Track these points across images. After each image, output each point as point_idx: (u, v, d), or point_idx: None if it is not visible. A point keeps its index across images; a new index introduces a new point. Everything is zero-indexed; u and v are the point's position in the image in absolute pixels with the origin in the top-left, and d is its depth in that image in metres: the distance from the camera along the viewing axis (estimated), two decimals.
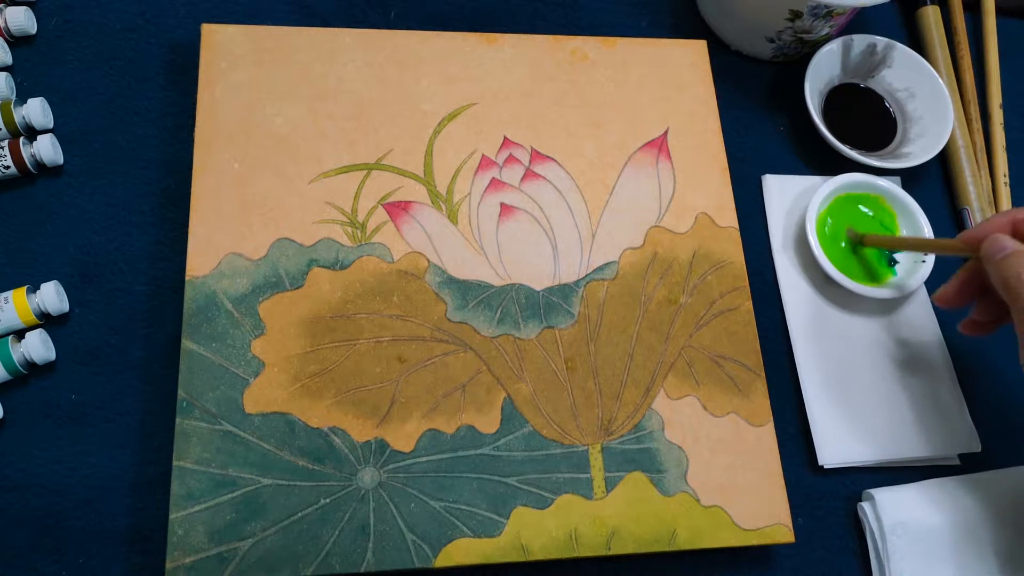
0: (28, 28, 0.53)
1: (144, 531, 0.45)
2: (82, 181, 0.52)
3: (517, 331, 0.49)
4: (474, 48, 0.56)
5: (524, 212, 0.52)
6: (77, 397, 0.47)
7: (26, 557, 0.44)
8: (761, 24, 0.60)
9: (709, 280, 0.53)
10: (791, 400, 0.54)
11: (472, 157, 0.53)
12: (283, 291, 0.48)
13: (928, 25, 0.66)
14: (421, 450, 0.46)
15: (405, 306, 0.49)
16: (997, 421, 0.56)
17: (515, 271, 0.51)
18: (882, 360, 0.56)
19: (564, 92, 0.56)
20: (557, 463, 0.47)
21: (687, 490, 0.47)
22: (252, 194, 0.49)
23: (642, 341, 0.50)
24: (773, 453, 0.49)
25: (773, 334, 0.56)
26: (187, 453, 0.44)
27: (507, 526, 0.45)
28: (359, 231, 0.50)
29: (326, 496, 0.44)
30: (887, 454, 0.53)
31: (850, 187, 0.58)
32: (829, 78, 0.62)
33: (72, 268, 0.50)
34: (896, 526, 0.50)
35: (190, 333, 0.46)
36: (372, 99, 0.53)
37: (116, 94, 0.54)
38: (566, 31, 0.62)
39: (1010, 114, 0.66)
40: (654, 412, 0.49)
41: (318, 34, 0.54)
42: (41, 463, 0.46)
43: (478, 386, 0.48)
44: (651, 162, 0.55)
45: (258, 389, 0.46)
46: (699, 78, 0.58)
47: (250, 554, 0.43)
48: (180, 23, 0.57)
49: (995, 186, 0.63)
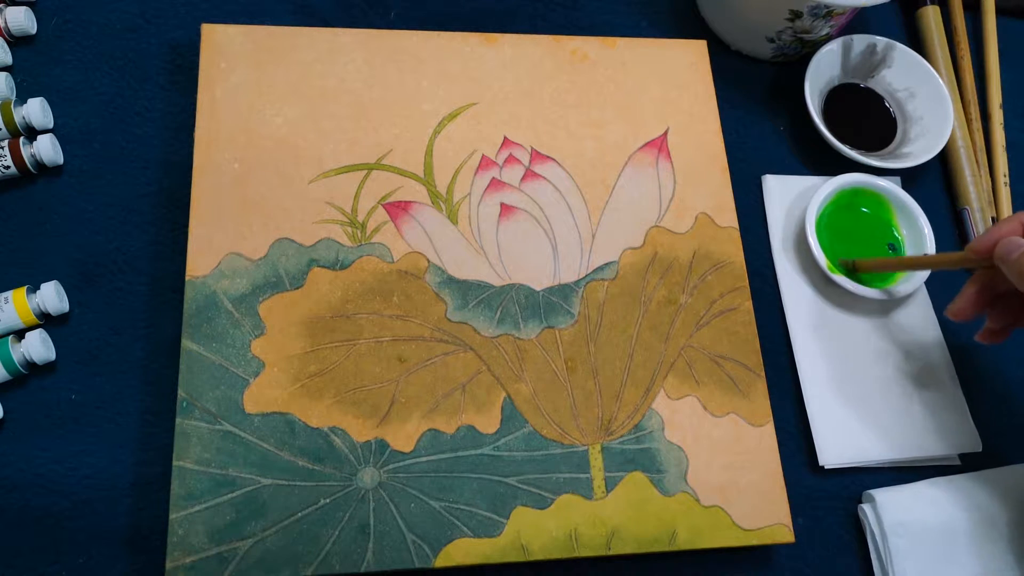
0: (28, 28, 0.53)
1: (144, 531, 0.45)
2: (82, 181, 0.52)
3: (517, 331, 0.49)
4: (474, 48, 0.56)
5: (524, 212, 0.52)
6: (77, 397, 0.47)
7: (26, 557, 0.44)
8: (761, 24, 0.60)
9: (709, 280, 0.53)
10: (791, 400, 0.54)
11: (472, 157, 0.53)
12: (283, 291, 0.48)
13: (928, 25, 0.66)
14: (421, 450, 0.46)
15: (405, 306, 0.49)
16: (998, 421, 0.56)
17: (515, 271, 0.51)
18: (882, 360, 0.56)
19: (564, 92, 0.56)
20: (557, 463, 0.47)
21: (687, 490, 0.47)
22: (252, 194, 0.49)
23: (642, 341, 0.50)
24: (773, 453, 0.49)
25: (773, 334, 0.56)
26: (187, 453, 0.44)
27: (507, 526, 0.45)
28: (359, 231, 0.50)
29: (326, 496, 0.44)
30: (888, 454, 0.53)
31: (850, 187, 0.58)
32: (829, 78, 0.62)
33: (72, 268, 0.50)
34: (897, 526, 0.50)
35: (190, 333, 0.46)
36: (372, 99, 0.53)
37: (116, 94, 0.54)
38: (566, 31, 0.62)
39: (1010, 114, 0.66)
40: (654, 412, 0.49)
41: (318, 34, 0.54)
42: (41, 463, 0.46)
43: (478, 386, 0.48)
44: (651, 162, 0.55)
45: (258, 389, 0.46)
46: (699, 78, 0.58)
47: (250, 554, 0.43)
48: (180, 23, 0.57)
49: (995, 186, 0.63)
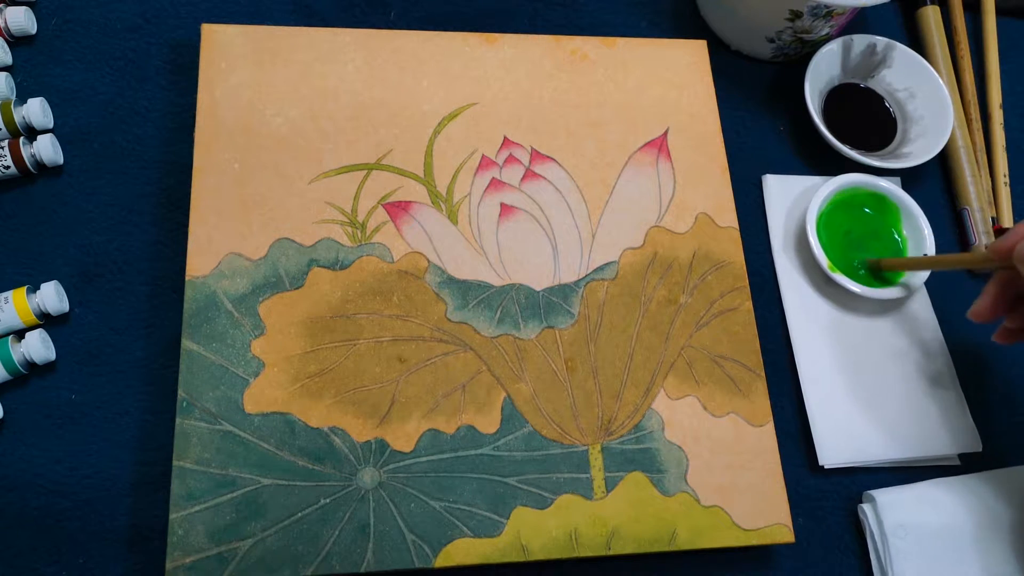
0: (28, 28, 0.53)
1: (144, 531, 0.45)
2: (82, 181, 0.52)
3: (517, 331, 0.49)
4: (474, 48, 0.56)
5: (524, 212, 0.52)
6: (77, 397, 0.47)
7: (26, 557, 0.44)
8: (761, 24, 0.60)
9: (709, 280, 0.53)
10: (791, 400, 0.54)
11: (472, 157, 0.53)
12: (283, 291, 0.48)
13: (928, 25, 0.66)
14: (421, 450, 0.46)
15: (405, 306, 0.49)
16: (998, 421, 0.56)
17: (515, 271, 0.51)
18: (882, 360, 0.56)
19: (564, 92, 0.56)
20: (557, 463, 0.47)
21: (687, 490, 0.47)
22: (252, 194, 0.49)
23: (642, 341, 0.50)
24: (773, 453, 0.49)
25: (773, 334, 0.56)
26: (187, 453, 0.44)
27: (507, 526, 0.45)
28: (359, 231, 0.50)
29: (326, 496, 0.44)
30: (888, 454, 0.53)
31: (850, 187, 0.58)
32: (829, 78, 0.62)
33: (72, 268, 0.50)
34: (897, 527, 0.50)
35: (190, 333, 0.46)
36: (372, 99, 0.53)
37: (116, 94, 0.54)
38: (566, 31, 0.62)
39: (1010, 114, 0.66)
40: (654, 412, 0.49)
41: (318, 34, 0.54)
42: (41, 463, 0.46)
43: (478, 386, 0.48)
44: (651, 162, 0.55)
45: (258, 389, 0.46)
46: (699, 78, 0.58)
47: (250, 554, 0.43)
48: (180, 23, 0.57)
49: (995, 186, 0.63)
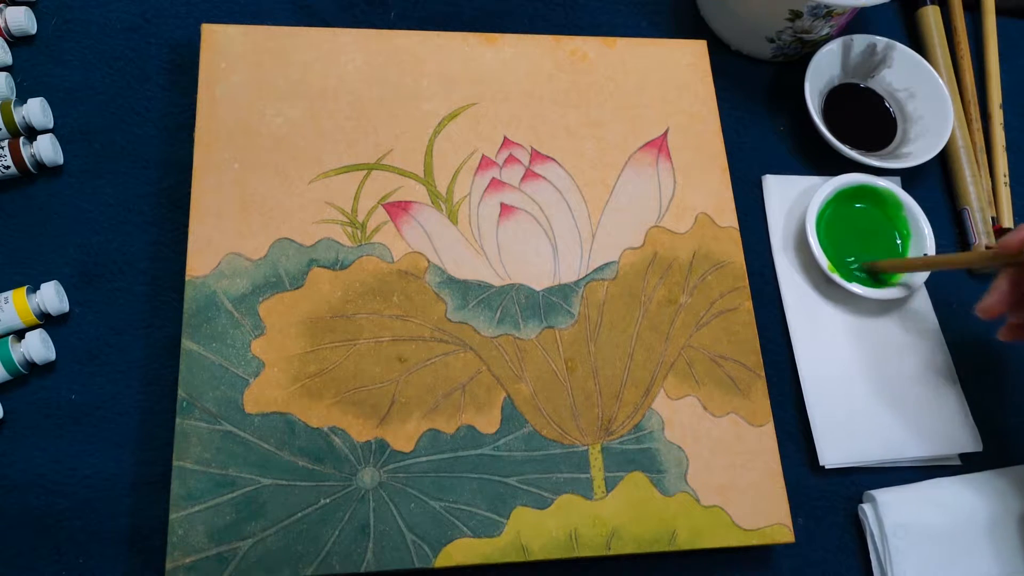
0: (28, 28, 0.53)
1: (144, 531, 0.45)
2: (82, 181, 0.52)
3: (517, 331, 0.49)
4: (474, 48, 0.56)
5: (524, 212, 0.52)
6: (77, 397, 0.47)
7: (26, 557, 0.44)
8: (761, 24, 0.60)
9: (709, 280, 0.53)
10: (791, 400, 0.54)
11: (472, 157, 0.53)
12: (283, 291, 0.48)
13: (928, 25, 0.66)
14: (421, 450, 0.46)
15: (405, 306, 0.49)
16: (998, 421, 0.56)
17: (515, 271, 0.51)
18: (882, 360, 0.56)
19: (564, 92, 0.56)
20: (557, 463, 0.47)
21: (687, 490, 0.47)
22: (252, 194, 0.49)
23: (642, 341, 0.50)
24: (773, 453, 0.49)
25: (773, 334, 0.56)
26: (187, 453, 0.44)
27: (507, 526, 0.45)
28: (359, 231, 0.50)
29: (326, 496, 0.44)
30: (888, 454, 0.53)
31: (850, 187, 0.58)
32: (829, 78, 0.62)
33: (72, 268, 0.50)
34: (897, 528, 0.50)
35: (190, 333, 0.46)
36: (372, 99, 0.53)
37: (116, 94, 0.54)
38: (566, 31, 0.62)
39: (1010, 114, 0.66)
40: (654, 412, 0.49)
41: (318, 34, 0.54)
42: (41, 463, 0.46)
43: (478, 386, 0.48)
44: (651, 162, 0.55)
45: (258, 389, 0.46)
46: (699, 78, 0.58)
47: (250, 554, 0.43)
48: (180, 23, 0.57)
49: (995, 186, 0.63)
